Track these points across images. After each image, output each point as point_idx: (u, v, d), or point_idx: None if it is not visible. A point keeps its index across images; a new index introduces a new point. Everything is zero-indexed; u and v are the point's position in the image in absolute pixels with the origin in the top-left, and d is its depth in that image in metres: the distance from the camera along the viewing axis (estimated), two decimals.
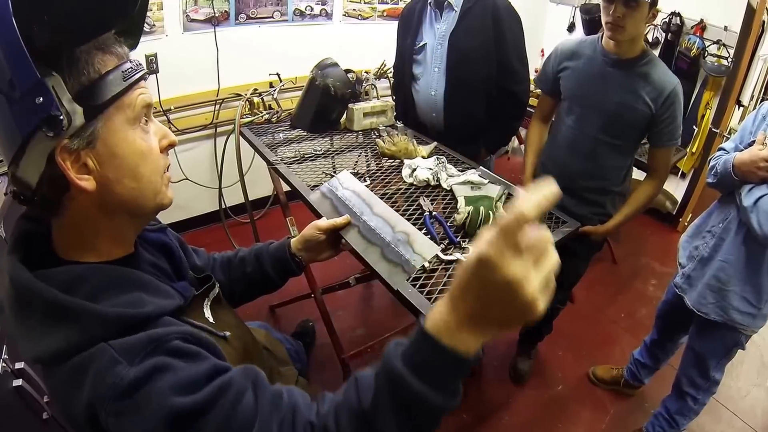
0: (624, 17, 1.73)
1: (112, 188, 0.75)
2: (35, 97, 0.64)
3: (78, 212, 0.75)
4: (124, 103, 0.73)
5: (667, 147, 1.93)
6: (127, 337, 0.69)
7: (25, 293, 0.70)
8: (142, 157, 0.77)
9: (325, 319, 2.34)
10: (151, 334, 0.71)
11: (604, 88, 1.90)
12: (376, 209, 1.29)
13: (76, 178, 0.70)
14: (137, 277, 0.80)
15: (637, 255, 3.88)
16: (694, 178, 4.14)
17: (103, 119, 0.71)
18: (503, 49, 2.26)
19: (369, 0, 3.59)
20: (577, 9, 4.50)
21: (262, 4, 3.08)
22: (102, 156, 0.72)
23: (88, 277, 0.74)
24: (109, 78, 0.71)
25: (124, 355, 0.67)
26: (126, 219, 0.81)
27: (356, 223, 1.27)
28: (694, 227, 2.00)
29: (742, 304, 1.77)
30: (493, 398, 2.50)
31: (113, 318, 0.70)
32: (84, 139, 0.69)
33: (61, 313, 0.69)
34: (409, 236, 1.22)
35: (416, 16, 2.38)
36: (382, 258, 1.20)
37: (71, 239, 0.78)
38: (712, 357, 1.95)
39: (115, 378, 0.65)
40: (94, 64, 0.70)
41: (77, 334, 0.68)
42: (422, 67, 2.42)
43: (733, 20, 3.56)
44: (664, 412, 2.18)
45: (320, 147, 2.26)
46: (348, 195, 1.32)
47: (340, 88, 2.34)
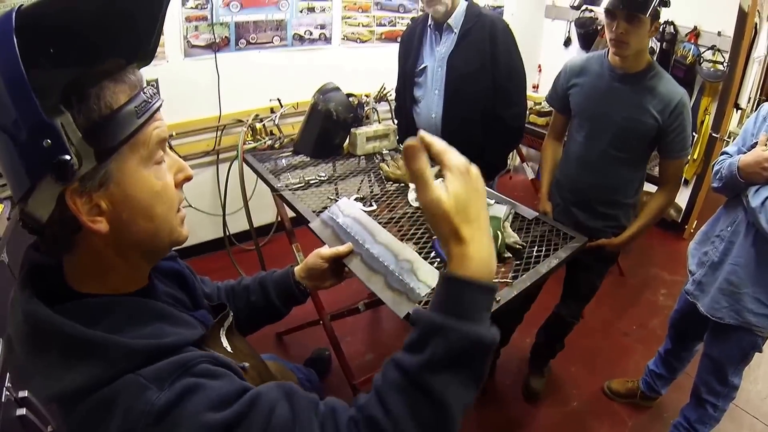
0: (627, 33, 1.75)
1: (126, 229, 0.71)
2: (42, 140, 0.60)
3: (90, 251, 0.72)
4: (138, 141, 0.69)
5: (678, 158, 1.93)
6: (153, 366, 0.66)
7: (43, 329, 0.66)
8: (157, 197, 0.73)
9: (334, 346, 2.32)
10: (178, 358, 0.68)
11: (612, 103, 1.92)
12: (379, 237, 1.25)
13: (88, 221, 0.66)
14: (157, 308, 0.77)
15: (645, 266, 3.86)
16: (697, 184, 4.14)
17: (116, 160, 0.67)
18: (496, 72, 2.29)
19: (367, 23, 3.62)
20: (572, 23, 4.53)
21: (262, 29, 3.11)
22: (115, 197, 0.68)
23: (108, 310, 0.71)
24: (122, 114, 0.66)
25: (153, 381, 0.64)
26: (140, 257, 0.78)
27: (358, 251, 1.24)
28: (702, 234, 2.00)
29: (756, 306, 1.77)
30: (507, 418, 2.47)
31: (140, 350, 0.67)
32: (96, 181, 0.65)
33: (85, 348, 0.65)
34: (412, 264, 1.18)
35: (417, 39, 2.41)
36: (387, 287, 1.18)
37: (84, 274, 0.74)
38: (729, 362, 1.94)
39: (146, 405, 0.62)
40: (105, 97, 0.65)
41: (103, 368, 0.65)
42: (423, 89, 2.44)
43: (725, 25, 3.60)
44: (683, 421, 2.15)
45: (324, 173, 2.26)
46: (349, 222, 1.29)
47: (342, 113, 2.35)
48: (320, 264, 1.26)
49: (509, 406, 2.52)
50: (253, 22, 3.05)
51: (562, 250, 1.72)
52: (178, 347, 0.72)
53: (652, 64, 1.90)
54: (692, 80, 3.82)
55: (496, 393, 2.58)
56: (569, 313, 2.36)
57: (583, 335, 2.57)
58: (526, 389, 2.58)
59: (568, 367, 2.76)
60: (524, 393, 2.58)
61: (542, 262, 1.64)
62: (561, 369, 2.73)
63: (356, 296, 2.81)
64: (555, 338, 2.51)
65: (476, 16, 2.26)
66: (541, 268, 1.60)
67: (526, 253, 1.68)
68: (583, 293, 2.31)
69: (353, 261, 1.24)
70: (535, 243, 1.76)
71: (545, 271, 1.59)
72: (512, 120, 2.39)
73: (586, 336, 2.85)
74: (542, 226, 1.90)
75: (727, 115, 3.79)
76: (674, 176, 2.00)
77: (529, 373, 2.63)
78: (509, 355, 2.66)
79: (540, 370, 2.62)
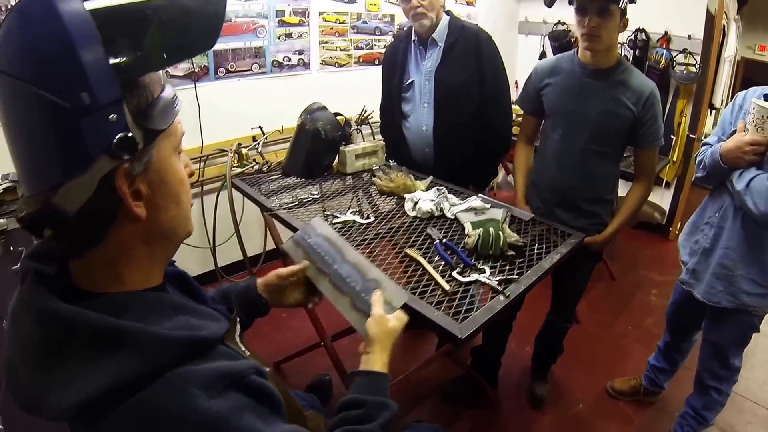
0: (599, 27, 1.82)
1: (159, 215, 0.71)
2: (109, 114, 0.59)
3: (118, 243, 0.69)
4: (170, 130, 0.70)
5: (652, 147, 2.00)
6: (194, 367, 0.65)
7: (64, 326, 0.63)
8: (182, 185, 0.75)
9: (338, 368, 2.27)
10: (223, 367, 0.67)
11: (586, 99, 1.97)
12: (348, 256, 1.25)
13: (133, 205, 0.65)
14: (176, 301, 0.76)
15: (635, 269, 3.92)
16: (679, 186, 4.25)
17: (158, 144, 0.68)
18: (483, 81, 2.33)
19: (344, 47, 3.68)
20: (545, 37, 4.67)
21: (241, 57, 3.12)
22: (153, 183, 0.68)
23: (131, 303, 0.69)
24: (164, 102, 0.68)
25: (200, 387, 0.62)
26: (162, 248, 0.77)
27: (327, 272, 1.24)
28: (691, 224, 2.06)
29: (751, 286, 1.82)
30: (515, 426, 2.45)
31: (177, 341, 0.65)
32: (142, 164, 0.65)
33: (116, 340, 0.62)
34: (379, 283, 1.18)
35: (401, 55, 2.45)
36: (352, 308, 1.18)
37: (101, 273, 0.70)
38: (729, 345, 1.98)
39: (198, 415, 0.60)
40: (149, 85, 0.66)
41: (137, 362, 0.62)
42: (411, 104, 2.47)
43: (695, 29, 3.76)
44: (690, 410, 2.18)
45: (317, 191, 2.26)
46: (320, 242, 1.28)
47: (331, 132, 2.37)
48: (278, 283, 1.26)
49: (516, 415, 2.51)
50: (231, 50, 3.06)
51: (562, 246, 1.75)
52: (213, 342, 0.72)
53: (621, 60, 1.97)
54: (667, 84, 3.95)
55: (502, 403, 2.56)
56: (561, 319, 2.38)
57: (581, 339, 2.59)
58: (531, 396, 2.56)
59: (569, 371, 2.76)
60: (529, 400, 2.56)
61: (544, 258, 1.66)
62: (563, 374, 2.73)
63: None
64: (552, 344, 2.52)
65: (460, 29, 2.32)
66: (544, 263, 1.62)
67: (527, 251, 1.70)
68: (572, 295, 2.33)
69: (322, 282, 1.25)
70: (535, 242, 1.78)
71: (548, 266, 1.61)
72: (501, 128, 2.44)
73: (585, 340, 2.86)
74: (539, 226, 1.92)
75: (703, 115, 3.92)
76: (649, 166, 2.06)
77: (532, 381, 2.62)
78: (510, 366, 2.66)
79: (543, 376, 2.61)
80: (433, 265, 1.59)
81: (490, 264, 1.61)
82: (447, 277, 1.53)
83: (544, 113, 2.17)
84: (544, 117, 2.19)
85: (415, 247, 1.73)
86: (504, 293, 1.42)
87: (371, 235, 1.84)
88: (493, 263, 1.62)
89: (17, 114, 0.61)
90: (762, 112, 1.63)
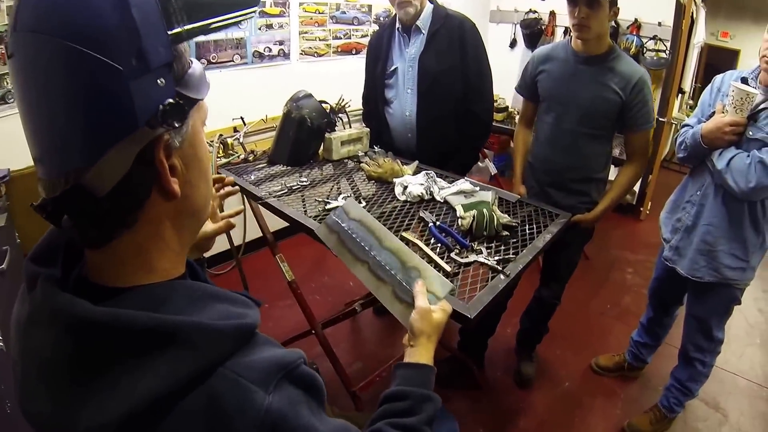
0: (588, 17, 1.89)
1: (191, 193, 0.65)
2: (159, 78, 0.54)
3: (149, 226, 0.62)
4: (201, 103, 0.64)
5: (642, 130, 2.06)
6: (245, 359, 0.60)
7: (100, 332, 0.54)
8: (209, 161, 0.70)
9: (329, 355, 2.27)
10: (275, 357, 0.63)
11: (578, 85, 2.05)
12: (385, 242, 1.20)
13: (172, 181, 0.59)
14: (209, 288, 0.67)
15: (608, 248, 4.04)
16: (649, 167, 4.37)
17: (192, 116, 0.62)
18: (466, 68, 2.37)
19: (324, 37, 3.67)
20: (516, 25, 4.73)
21: (222, 48, 3.10)
22: (187, 158, 0.62)
23: (169, 295, 0.61)
24: (197, 73, 0.61)
25: (255, 382, 0.58)
26: (189, 231, 0.69)
27: (366, 259, 1.19)
28: (671, 203, 2.14)
29: (732, 261, 1.91)
30: (504, 407, 2.50)
31: (227, 332, 0.59)
32: (180, 136, 0.59)
33: (163, 340, 0.55)
34: (421, 272, 1.14)
35: (385, 43, 2.47)
36: (395, 298, 1.14)
37: (129, 262, 0.62)
38: (712, 317, 2.07)
39: (257, 411, 0.56)
40: (183, 54, 0.60)
41: (188, 361, 0.55)
42: (394, 90, 2.50)
43: (665, 16, 3.87)
44: (675, 383, 2.27)
45: (306, 178, 2.27)
46: (354, 227, 1.24)
47: (316, 119, 2.37)
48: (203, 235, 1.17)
49: (504, 395, 2.57)
50: (213, 41, 3.04)
51: (552, 226, 1.80)
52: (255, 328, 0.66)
53: (613, 47, 2.04)
54: None
55: (489, 385, 2.62)
56: (551, 295, 2.44)
57: (562, 319, 2.66)
58: (518, 376, 2.63)
59: (554, 350, 2.84)
60: (516, 380, 2.63)
61: (537, 238, 1.71)
62: (547, 353, 2.80)
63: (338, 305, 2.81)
64: (539, 322, 2.58)
65: (443, 17, 2.35)
66: (538, 242, 1.67)
67: (520, 232, 1.75)
68: (563, 272, 2.40)
69: (360, 270, 1.20)
70: (525, 223, 1.82)
71: (542, 245, 1.65)
72: (483, 114, 2.48)
73: (565, 319, 2.92)
74: (526, 207, 1.97)
75: (672, 99, 4.03)
76: (641, 148, 2.12)
77: (518, 361, 2.68)
78: (494, 347, 2.71)
79: (529, 355, 2.68)
80: (430, 246, 1.62)
81: (485, 245, 1.65)
82: (446, 258, 1.56)
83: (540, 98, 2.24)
84: (539, 102, 2.25)
85: (410, 230, 1.76)
86: (504, 272, 1.46)
87: None
88: (489, 244, 1.66)
89: (47, 81, 0.52)
90: (741, 95, 1.73)
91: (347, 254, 1.22)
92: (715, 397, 2.55)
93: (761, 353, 2.95)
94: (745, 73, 1.86)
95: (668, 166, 5.65)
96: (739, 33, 6.51)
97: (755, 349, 2.98)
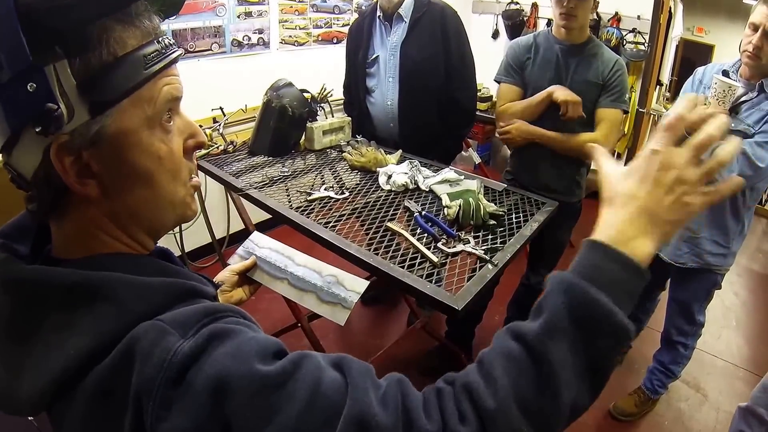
0: (576, 7, 1.94)
1: (121, 197, 0.60)
2: (26, 83, 0.50)
3: (83, 217, 0.60)
4: (143, 96, 0.57)
5: (611, 107, 2.04)
6: (174, 311, 0.55)
7: (33, 291, 0.55)
8: (159, 163, 0.61)
9: (315, 347, 2.26)
10: (206, 305, 0.57)
11: (563, 72, 2.08)
12: (298, 260, 1.28)
13: (75, 183, 0.56)
14: (163, 265, 0.65)
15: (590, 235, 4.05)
16: (630, 157, 4.43)
17: (113, 115, 0.55)
18: (448, 56, 2.36)
19: (304, 26, 3.62)
20: (499, 16, 4.73)
21: (200, 36, 3.02)
22: (109, 159, 0.57)
23: (113, 263, 0.59)
24: (126, 63, 0.55)
25: (175, 326, 0.52)
26: (141, 232, 0.65)
27: (284, 276, 1.26)
28: None
29: (714, 247, 1.97)
30: None
31: (158, 287, 0.56)
32: (88, 137, 0.54)
33: (89, 295, 0.54)
34: (337, 277, 1.23)
35: (366, 31, 2.44)
36: (320, 301, 1.21)
37: (76, 240, 0.62)
38: (694, 302, 2.12)
39: (165, 353, 0.50)
40: (109, 42, 0.54)
41: (114, 316, 0.53)
42: (376, 79, 2.47)
43: (644, 9, 3.95)
44: (658, 365, 2.33)
45: (287, 168, 2.23)
46: (266, 253, 1.31)
47: (297, 108, 2.32)
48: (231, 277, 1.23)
49: None
50: (191, 29, 2.96)
51: (538, 215, 1.79)
52: (200, 293, 0.61)
53: (592, 37, 2.11)
54: None
55: None
56: (540, 281, 2.44)
57: None
58: None
59: None
60: None
61: (524, 226, 1.70)
62: None
63: None
64: (528, 308, 2.55)
65: (426, 4, 2.33)
66: (525, 231, 1.66)
67: (506, 220, 1.73)
68: (551, 256, 2.40)
69: (280, 286, 1.26)
70: (511, 211, 1.81)
71: (529, 234, 1.65)
72: (466, 102, 2.47)
73: None
74: (512, 196, 1.96)
75: (651, 90, 4.09)
76: (607, 120, 2.05)
77: None
78: (481, 336, 2.71)
79: None
80: (416, 236, 1.60)
81: (472, 234, 1.63)
82: (432, 249, 1.54)
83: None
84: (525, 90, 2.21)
85: (395, 219, 1.74)
86: (492, 262, 1.44)
87: (348, 210, 1.83)
88: (475, 233, 1.65)
89: None
90: (722, 87, 1.76)
91: (265, 276, 1.27)
92: (696, 377, 2.63)
93: (737, 335, 3.06)
94: (727, 66, 1.91)
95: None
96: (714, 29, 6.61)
97: (731, 331, 3.09)
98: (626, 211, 0.61)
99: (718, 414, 2.43)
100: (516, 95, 2.25)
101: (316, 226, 1.69)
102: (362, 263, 1.49)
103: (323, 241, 1.62)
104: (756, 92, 1.77)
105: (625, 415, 2.35)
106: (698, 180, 0.59)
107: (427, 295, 1.33)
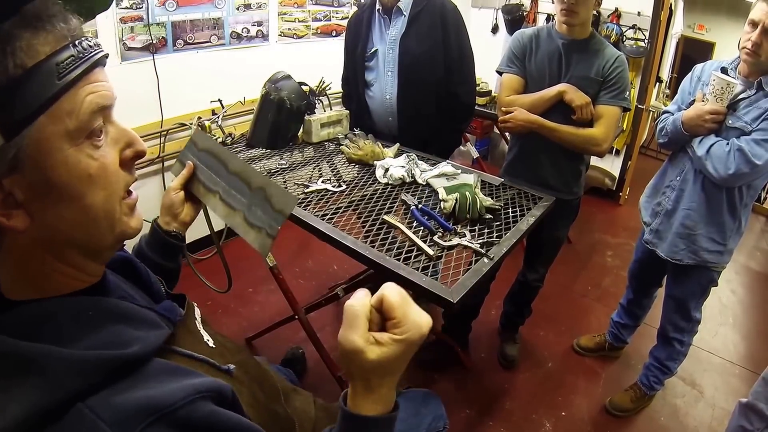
0: (577, 3, 1.92)
1: (53, 224, 0.56)
2: None
3: (17, 250, 0.57)
4: (62, 110, 0.52)
5: (610, 105, 2.02)
6: (113, 397, 0.52)
7: None
8: (90, 182, 0.56)
9: (313, 340, 2.26)
10: (149, 399, 0.53)
11: (564, 68, 2.07)
12: (231, 165, 1.11)
13: (1, 216, 0.52)
14: (111, 306, 0.62)
15: (589, 232, 4.10)
16: (628, 153, 4.47)
17: (31, 135, 0.50)
18: (447, 50, 2.34)
19: (303, 18, 3.61)
20: (498, 11, 4.72)
21: (199, 28, 3.01)
22: (33, 184, 0.52)
23: (50, 315, 0.56)
24: (39, 75, 0.49)
25: (112, 425, 0.49)
26: (81, 256, 0.61)
27: (216, 189, 1.11)
28: (651, 187, 2.17)
29: (711, 244, 1.96)
30: (490, 388, 2.52)
31: (91, 362, 0.52)
32: (5, 163, 0.50)
33: (20, 368, 0.50)
34: (265, 191, 1.05)
35: (365, 25, 2.43)
36: (248, 225, 1.05)
37: (16, 278, 0.58)
38: (691, 298, 2.12)
39: None
40: (16, 53, 0.48)
41: (45, 391, 0.49)
42: (375, 72, 2.46)
43: (644, 5, 3.93)
44: (654, 362, 2.33)
45: (285, 161, 2.23)
46: (203, 157, 1.15)
47: (296, 101, 2.32)
48: (173, 197, 1.12)
49: (489, 377, 2.59)
50: (190, 21, 2.95)
51: (535, 209, 1.79)
52: (141, 358, 0.58)
53: (594, 33, 2.08)
54: None
55: (474, 366, 2.64)
56: (536, 277, 2.46)
57: (544, 301, 2.70)
58: (502, 358, 2.66)
59: (537, 332, 2.87)
60: (501, 362, 2.66)
61: (520, 220, 1.70)
62: (530, 335, 2.83)
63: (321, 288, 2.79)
64: (523, 304, 2.60)
65: None
66: (521, 225, 1.66)
67: (503, 215, 1.74)
68: (548, 253, 2.41)
69: (213, 201, 1.12)
70: (508, 206, 1.81)
71: (525, 228, 1.65)
72: (465, 96, 2.46)
73: (547, 301, 2.95)
74: (509, 190, 1.96)
75: (650, 87, 4.09)
76: (605, 117, 2.02)
77: (502, 342, 2.72)
78: (478, 330, 2.73)
79: (513, 337, 2.72)
80: (413, 230, 1.60)
81: (468, 228, 1.63)
82: (428, 242, 1.54)
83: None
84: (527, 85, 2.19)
85: (391, 213, 1.74)
86: (488, 256, 1.45)
87: (345, 203, 1.84)
88: (472, 227, 1.65)
89: None
90: (721, 84, 1.76)
91: (201, 188, 1.14)
92: (692, 374, 2.64)
93: (733, 332, 3.07)
94: (725, 63, 1.91)
95: (646, 152, 5.71)
96: (714, 26, 6.62)
97: (728, 329, 3.09)
98: (355, 387, 0.71)
99: (714, 411, 2.44)
100: (519, 85, 2.23)
101: (313, 218, 1.69)
102: (359, 255, 1.50)
103: (320, 233, 1.62)
104: (754, 90, 1.76)
105: (621, 410, 2.36)
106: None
107: (422, 288, 1.33)
